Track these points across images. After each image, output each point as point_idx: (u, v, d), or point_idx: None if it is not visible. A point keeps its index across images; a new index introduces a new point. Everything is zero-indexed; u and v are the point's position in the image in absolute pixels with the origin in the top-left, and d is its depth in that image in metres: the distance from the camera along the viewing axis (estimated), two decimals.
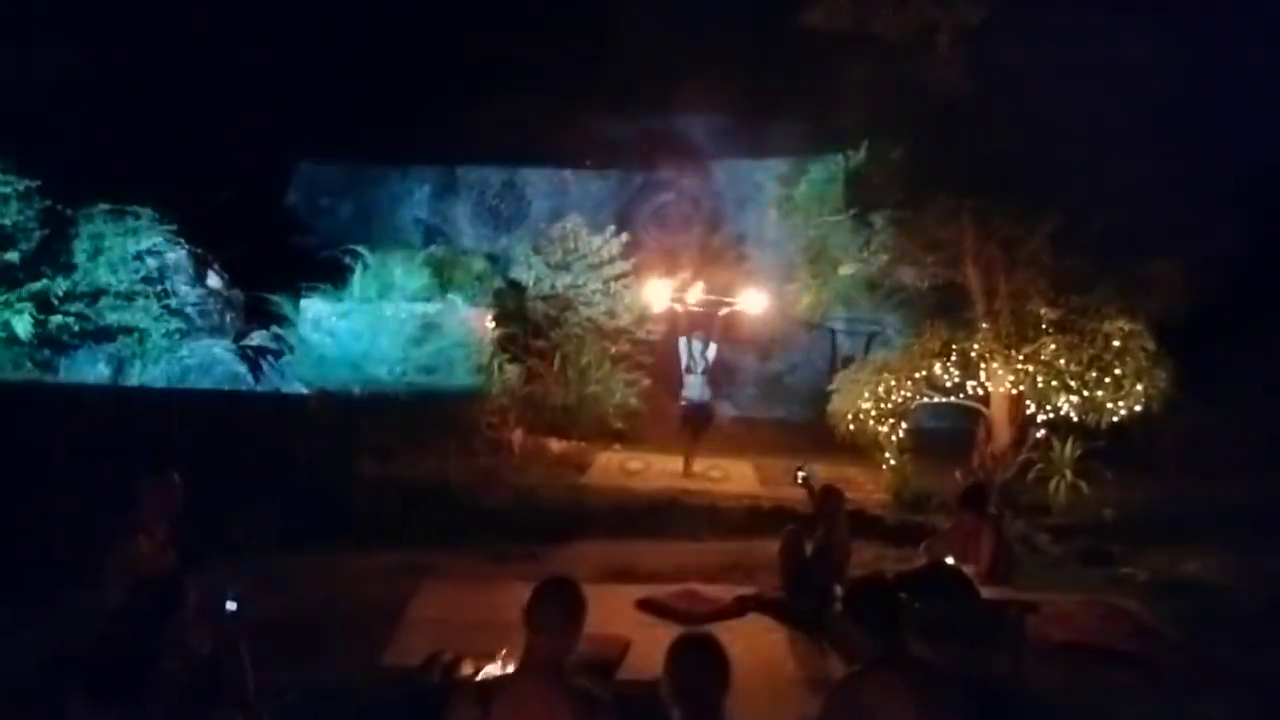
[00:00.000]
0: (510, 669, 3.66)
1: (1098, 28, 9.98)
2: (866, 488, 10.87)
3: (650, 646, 5.15)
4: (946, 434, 11.92)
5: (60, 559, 5.57)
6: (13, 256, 10.06)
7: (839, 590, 6.20)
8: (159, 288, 10.87)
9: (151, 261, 10.94)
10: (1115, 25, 9.89)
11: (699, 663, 2.79)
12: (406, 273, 13.42)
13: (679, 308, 12.57)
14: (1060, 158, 10.02)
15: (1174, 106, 9.93)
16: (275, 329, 11.79)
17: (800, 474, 7.52)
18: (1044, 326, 10.27)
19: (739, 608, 6.69)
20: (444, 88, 16.44)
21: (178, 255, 11.28)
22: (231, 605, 3.65)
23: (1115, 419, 9.88)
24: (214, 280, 11.93)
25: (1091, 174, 10.01)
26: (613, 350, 14.33)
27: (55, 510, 6.47)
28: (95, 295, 10.39)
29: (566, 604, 2.86)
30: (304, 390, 10.26)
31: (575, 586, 2.92)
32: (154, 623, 3.40)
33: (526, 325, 14.19)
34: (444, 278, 13.98)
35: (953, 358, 10.62)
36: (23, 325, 9.73)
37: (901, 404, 10.73)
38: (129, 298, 10.53)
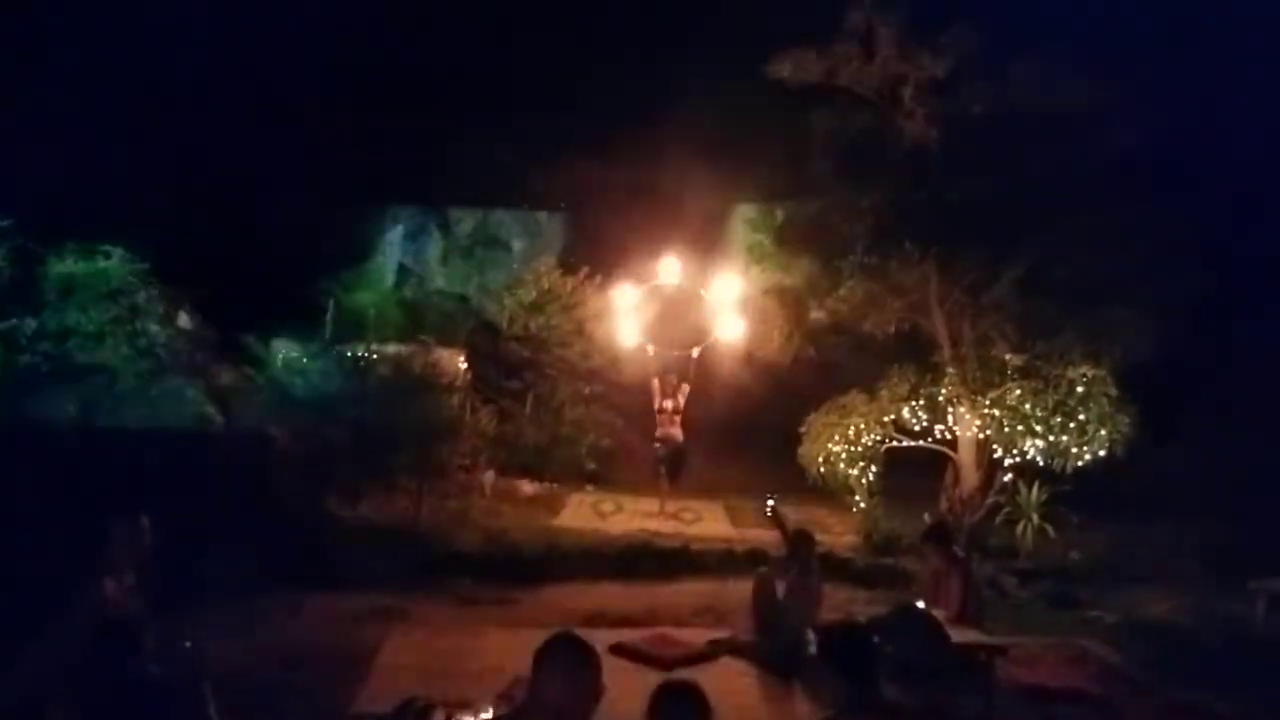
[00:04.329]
0: (487, 715, 3.66)
1: (1060, 79, 10.27)
2: (836, 530, 10.94)
3: (623, 691, 5.14)
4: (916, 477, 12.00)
5: (26, 602, 5.49)
6: None
7: (811, 634, 6.24)
8: (129, 327, 10.78)
9: (122, 301, 10.86)
10: (1077, 77, 10.19)
11: (683, 709, 2.80)
12: (379, 313, 13.43)
13: (650, 349, 12.71)
14: (1024, 206, 10.25)
15: (1135, 156, 10.22)
16: (246, 369, 11.73)
17: (769, 503, 7.60)
18: (1009, 372, 10.42)
19: (711, 652, 6.70)
20: (419, 130, 16.55)
21: (148, 295, 11.20)
22: (189, 648, 3.60)
23: (1080, 463, 10.02)
24: (185, 320, 11.87)
25: (1055, 222, 10.24)
26: (586, 391, 14.36)
27: (21, 553, 6.37)
28: (64, 335, 10.30)
29: (588, 670, 2.70)
30: (274, 431, 10.18)
31: (595, 654, 2.77)
32: (116, 667, 3.38)
33: (499, 366, 14.21)
34: (417, 319, 13.99)
35: (921, 402, 10.75)
36: None
37: (871, 447, 10.83)
38: (99, 337, 10.44)
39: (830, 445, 10.92)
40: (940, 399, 10.66)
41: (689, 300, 13.42)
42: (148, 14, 14.37)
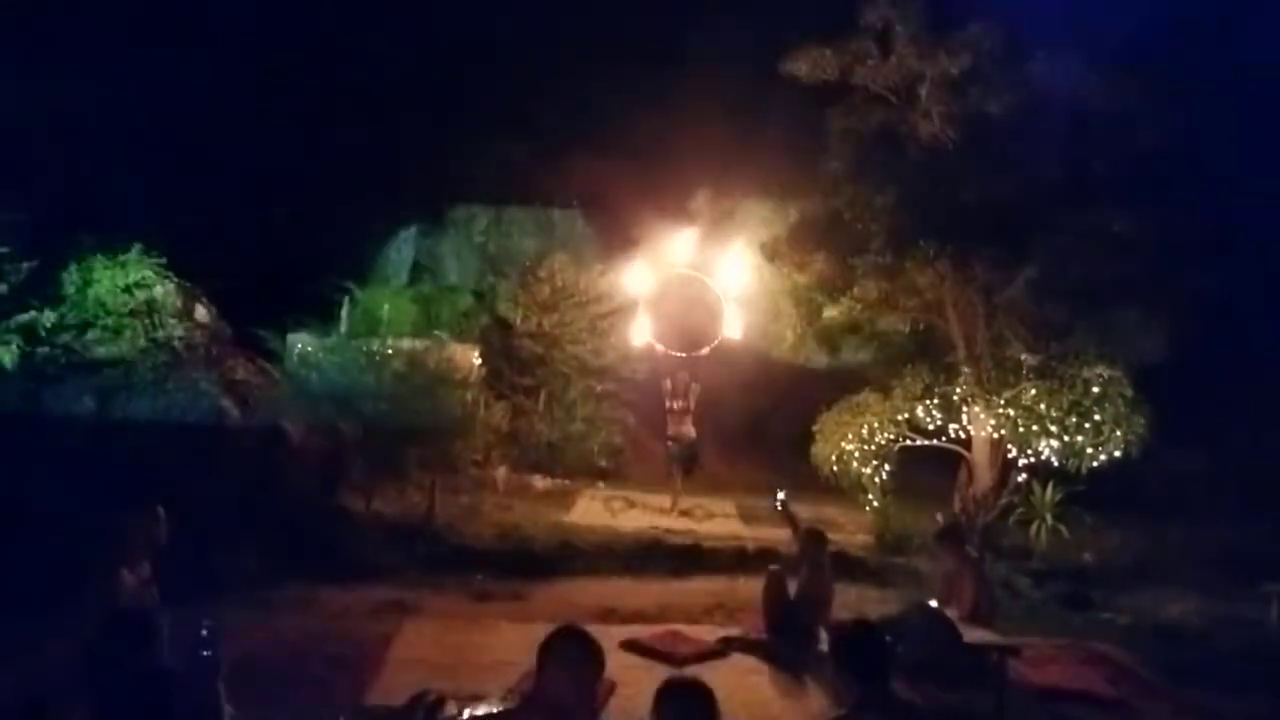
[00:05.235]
0: (497, 708, 3.68)
1: (1076, 79, 10.23)
2: (849, 529, 10.91)
3: (635, 688, 5.19)
4: (929, 476, 11.98)
5: (43, 593, 5.55)
6: (1, 288, 10.07)
7: (823, 632, 6.25)
8: (146, 320, 10.86)
9: (139, 294, 10.95)
10: (1093, 76, 10.14)
11: (687, 706, 2.81)
12: (394, 309, 13.48)
13: (660, 348, 12.72)
14: (1039, 206, 10.22)
15: (1151, 155, 10.17)
16: (262, 363, 11.80)
17: (779, 496, 7.60)
18: (1024, 372, 10.36)
19: (723, 649, 6.72)
20: (433, 128, 16.60)
21: (166, 289, 11.29)
22: (205, 637, 3.61)
23: (1095, 464, 9.96)
24: (201, 314, 11.93)
25: (1070, 222, 10.19)
26: (598, 388, 14.39)
27: (38, 544, 6.44)
28: (83, 327, 10.40)
29: (591, 664, 2.75)
30: (289, 425, 10.23)
31: (599, 649, 2.81)
32: (130, 659, 3.41)
33: (512, 362, 14.24)
34: (431, 314, 14.03)
35: (935, 401, 10.70)
36: (9, 357, 9.71)
37: (884, 446, 10.79)
38: (116, 330, 10.53)
39: (843, 444, 10.89)
40: (954, 398, 10.61)
41: (700, 297, 13.42)
42: (165, 16, 14.49)
